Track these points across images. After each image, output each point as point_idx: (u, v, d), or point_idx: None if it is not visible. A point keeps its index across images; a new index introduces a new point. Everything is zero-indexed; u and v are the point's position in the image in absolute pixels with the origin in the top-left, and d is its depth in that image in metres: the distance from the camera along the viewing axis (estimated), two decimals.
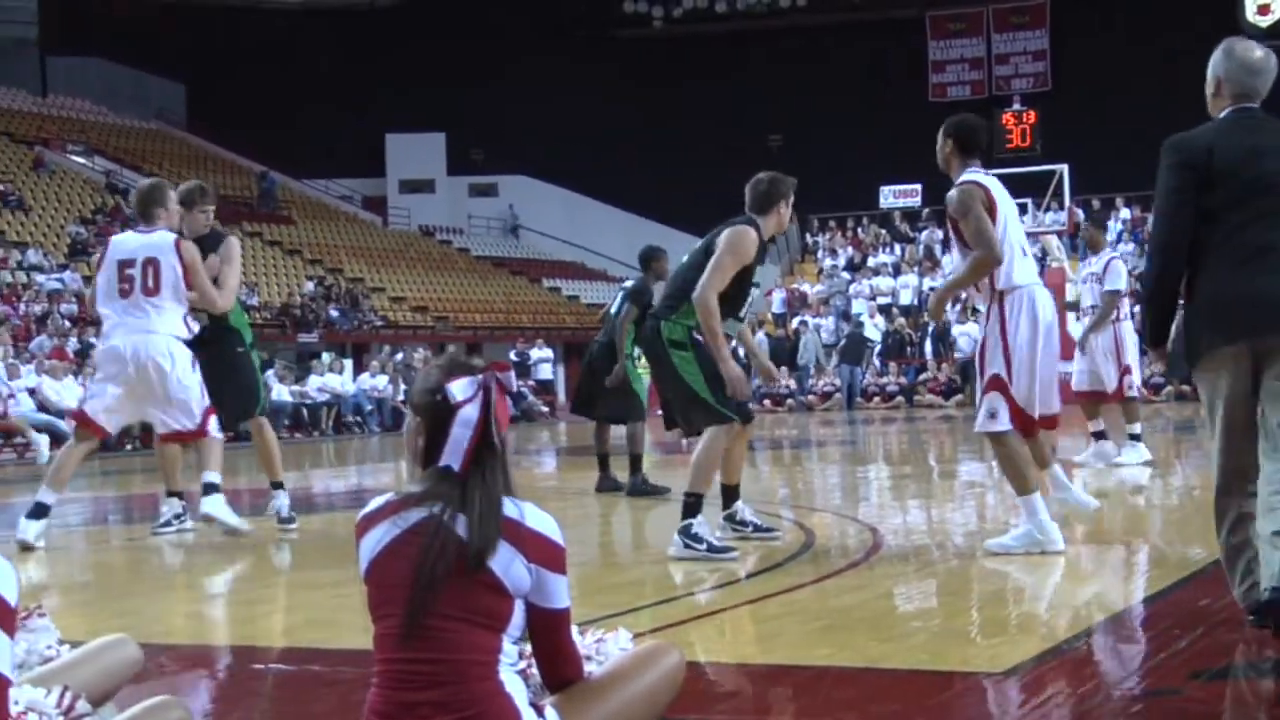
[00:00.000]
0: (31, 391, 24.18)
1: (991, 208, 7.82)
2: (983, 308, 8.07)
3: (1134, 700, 4.58)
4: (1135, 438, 13.77)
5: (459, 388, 3.44)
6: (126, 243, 10.01)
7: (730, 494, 8.97)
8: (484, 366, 3.53)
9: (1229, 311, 5.11)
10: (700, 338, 8.29)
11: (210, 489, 9.86)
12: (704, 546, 8.08)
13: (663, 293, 8.84)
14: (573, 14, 52.75)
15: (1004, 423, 7.84)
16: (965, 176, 7.99)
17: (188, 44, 51.69)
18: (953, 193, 7.96)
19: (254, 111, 51.12)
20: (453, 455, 3.42)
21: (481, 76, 51.52)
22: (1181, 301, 5.35)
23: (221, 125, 51.62)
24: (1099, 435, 13.90)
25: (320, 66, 50.87)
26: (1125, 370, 13.82)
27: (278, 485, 10.70)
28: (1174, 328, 5.30)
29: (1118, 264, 14.16)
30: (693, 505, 8.19)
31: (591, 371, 13.11)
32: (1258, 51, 5.39)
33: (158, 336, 9.69)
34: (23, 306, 30.60)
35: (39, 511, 9.66)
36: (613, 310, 13.12)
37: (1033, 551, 7.78)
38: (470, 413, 3.43)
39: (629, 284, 13.40)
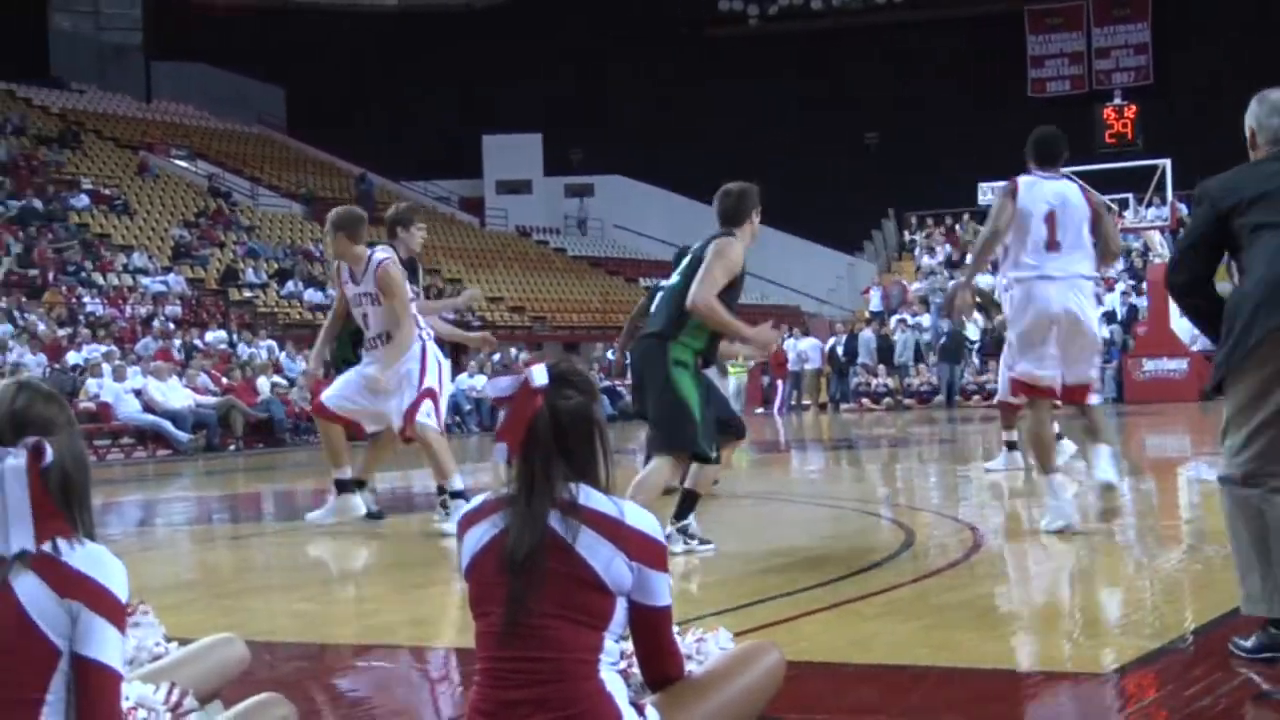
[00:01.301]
0: (138, 393, 24.51)
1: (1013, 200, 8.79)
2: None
3: (1242, 703, 4.53)
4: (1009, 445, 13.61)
5: (495, 385, 3.49)
6: None
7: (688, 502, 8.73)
8: (526, 362, 3.56)
9: None
10: (704, 360, 8.45)
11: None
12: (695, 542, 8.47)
13: (662, 316, 8.50)
14: (669, 13, 52.73)
15: (1003, 394, 9.04)
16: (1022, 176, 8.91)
17: (287, 48, 52.18)
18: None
19: (352, 114, 51.57)
20: (497, 450, 3.45)
21: (578, 77, 51.72)
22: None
23: (320, 128, 52.06)
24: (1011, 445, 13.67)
25: (417, 68, 51.17)
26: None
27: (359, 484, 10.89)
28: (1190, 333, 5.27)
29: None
30: (688, 508, 8.52)
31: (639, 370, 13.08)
32: None
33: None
34: (128, 309, 31.02)
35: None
36: (654, 312, 13.00)
37: (1063, 528, 8.47)
38: (504, 411, 3.47)
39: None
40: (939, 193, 43.50)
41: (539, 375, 3.45)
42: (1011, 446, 13.67)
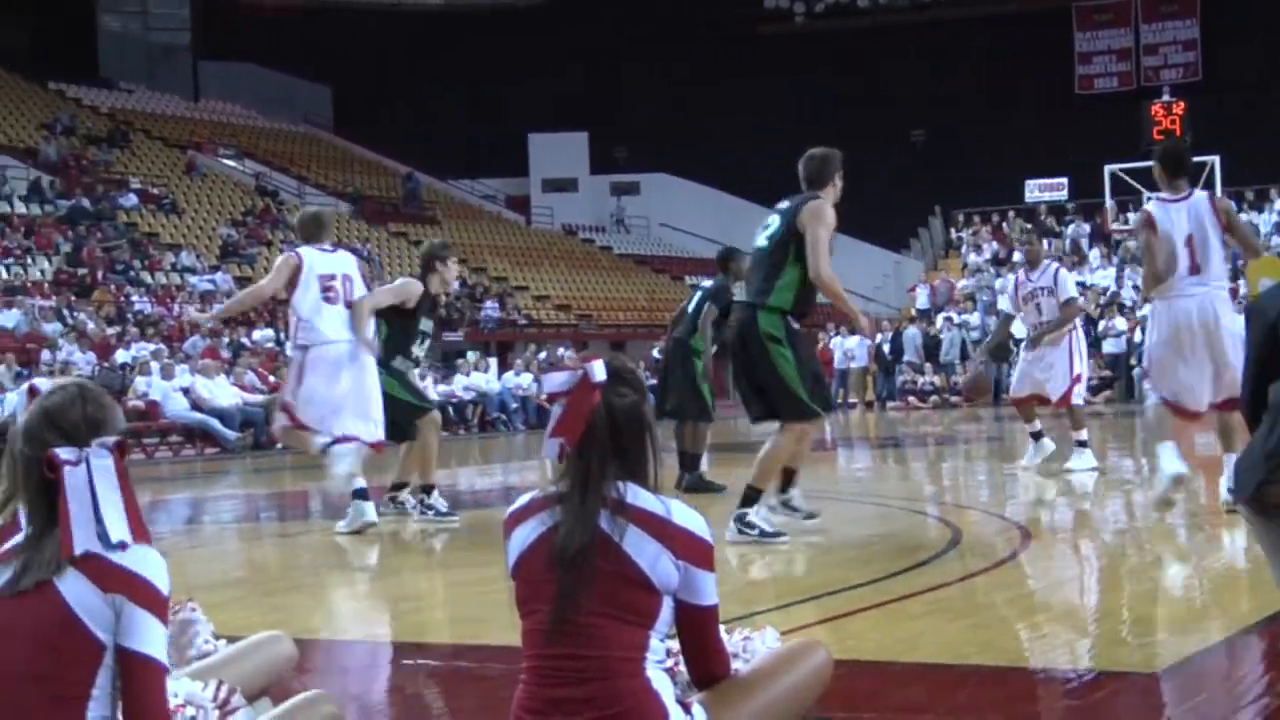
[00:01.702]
0: (185, 391, 24.65)
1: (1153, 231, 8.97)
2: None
3: None
4: (1082, 444, 13.57)
5: (551, 380, 3.48)
6: None
7: (789, 478, 9.26)
8: (580, 359, 3.56)
9: None
10: (797, 326, 8.72)
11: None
12: (756, 532, 8.64)
13: (753, 280, 9.01)
14: (715, 11, 52.71)
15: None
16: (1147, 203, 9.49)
17: (333, 47, 52.37)
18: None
19: (398, 113, 51.73)
20: (548, 448, 3.45)
21: (624, 75, 51.72)
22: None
23: (367, 127, 52.24)
24: (1037, 435, 13.82)
25: (463, 66, 51.27)
26: (1076, 379, 13.73)
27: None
28: (1240, 454, 5.19)
29: (1064, 273, 14.14)
30: (751, 498, 8.79)
31: (664, 369, 13.27)
32: None
33: None
34: (176, 307, 31.19)
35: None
36: (689, 308, 13.15)
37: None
38: (558, 408, 3.46)
39: (707, 284, 13.45)
40: (986, 190, 43.35)
41: (598, 371, 3.45)
42: (1037, 436, 13.70)
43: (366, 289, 11.06)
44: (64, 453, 3.12)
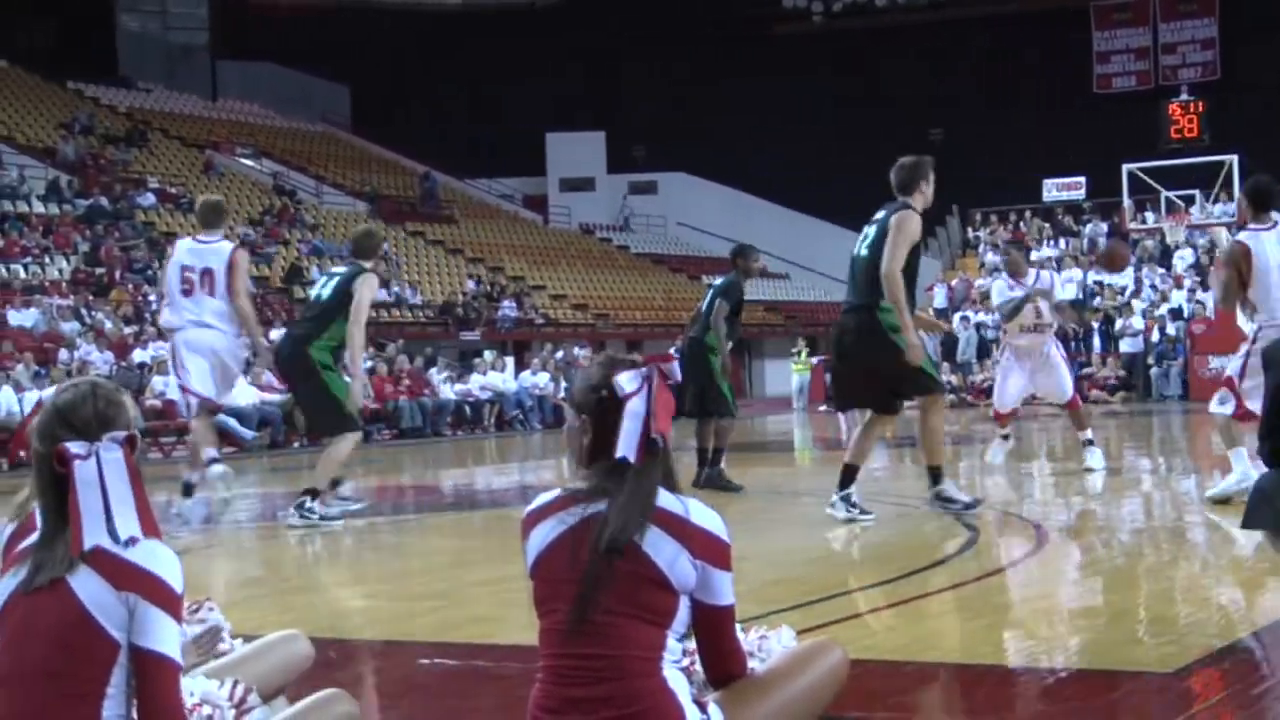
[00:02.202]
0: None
1: (1247, 263, 9.45)
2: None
3: None
4: (1090, 442, 13.67)
5: (626, 380, 3.46)
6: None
7: (850, 474, 9.71)
8: (644, 360, 3.56)
9: None
10: (909, 319, 9.43)
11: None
12: (958, 506, 9.60)
13: (860, 288, 9.65)
14: (732, 11, 52.70)
15: (1230, 408, 9.60)
16: (1239, 235, 9.87)
17: (351, 47, 52.45)
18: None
19: (415, 112, 51.80)
20: (626, 447, 3.43)
21: (641, 74, 51.75)
22: None
23: (384, 126, 52.30)
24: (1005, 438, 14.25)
25: (481, 66, 51.32)
26: (1076, 379, 13.96)
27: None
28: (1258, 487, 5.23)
29: (1047, 275, 14.35)
30: (935, 476, 9.75)
31: (682, 367, 13.13)
32: None
33: None
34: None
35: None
36: (703, 307, 13.13)
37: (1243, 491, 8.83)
38: (638, 405, 3.45)
39: (719, 281, 13.40)
40: (1003, 189, 43.29)
41: (675, 372, 3.51)
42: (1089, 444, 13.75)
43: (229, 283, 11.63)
44: (74, 447, 3.14)
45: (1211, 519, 9.32)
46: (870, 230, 9.73)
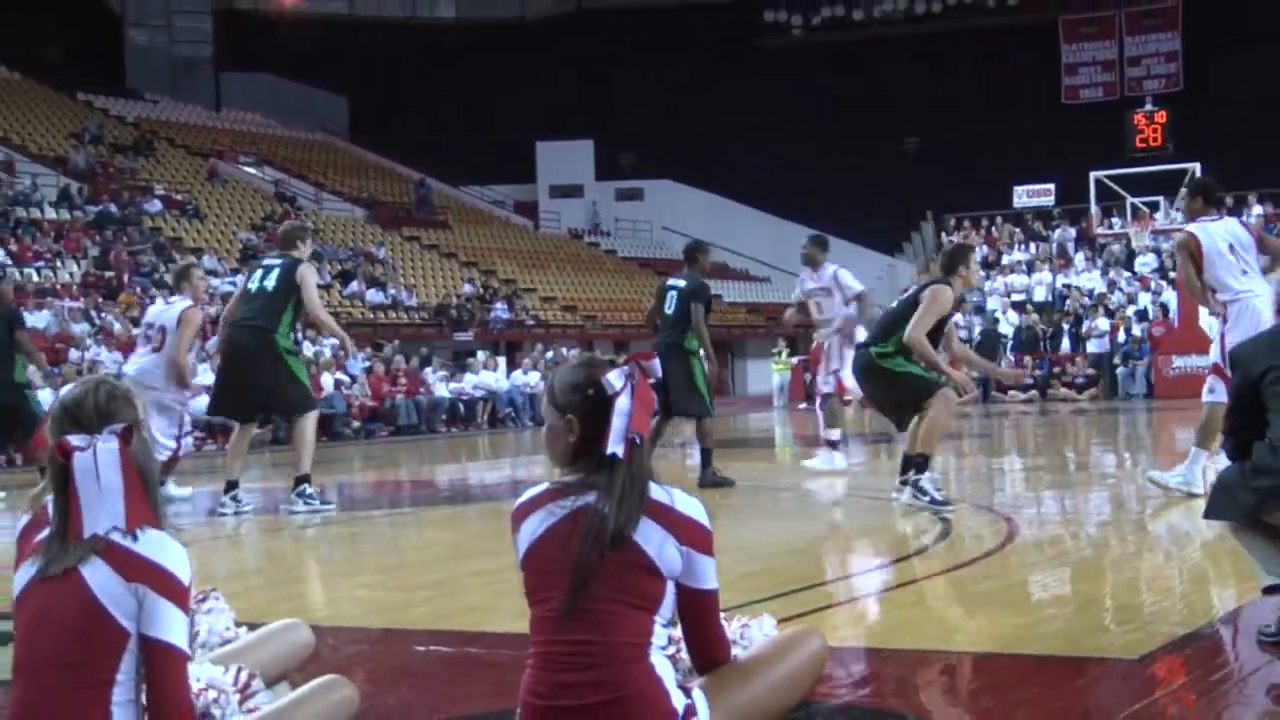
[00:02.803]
0: (207, 389, 24.61)
1: (1198, 252, 9.77)
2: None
3: (1266, 688, 4.50)
4: (832, 444, 13.91)
5: (614, 378, 3.47)
6: None
7: (910, 463, 10.07)
8: (624, 360, 3.57)
9: None
10: (904, 350, 9.86)
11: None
12: (927, 499, 9.62)
13: (873, 328, 10.51)
14: (715, 24, 52.75)
15: (1221, 396, 9.23)
16: (1188, 227, 10.17)
17: (349, 59, 52.43)
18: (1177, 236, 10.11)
19: (411, 122, 51.75)
20: (616, 443, 3.44)
21: (627, 86, 51.77)
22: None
23: (381, 135, 52.28)
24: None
25: (474, 78, 51.31)
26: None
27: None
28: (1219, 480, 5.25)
29: (844, 272, 14.18)
30: (922, 464, 9.77)
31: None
32: None
33: None
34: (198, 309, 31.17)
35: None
36: (670, 310, 12.82)
37: (1182, 490, 9.65)
38: (625, 402, 3.46)
39: (680, 284, 13.01)
40: (976, 196, 43.34)
41: (656, 369, 3.53)
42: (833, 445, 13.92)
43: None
44: (74, 439, 3.17)
45: (1177, 511, 9.34)
46: (912, 289, 10.61)
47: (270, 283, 11.40)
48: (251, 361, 11.45)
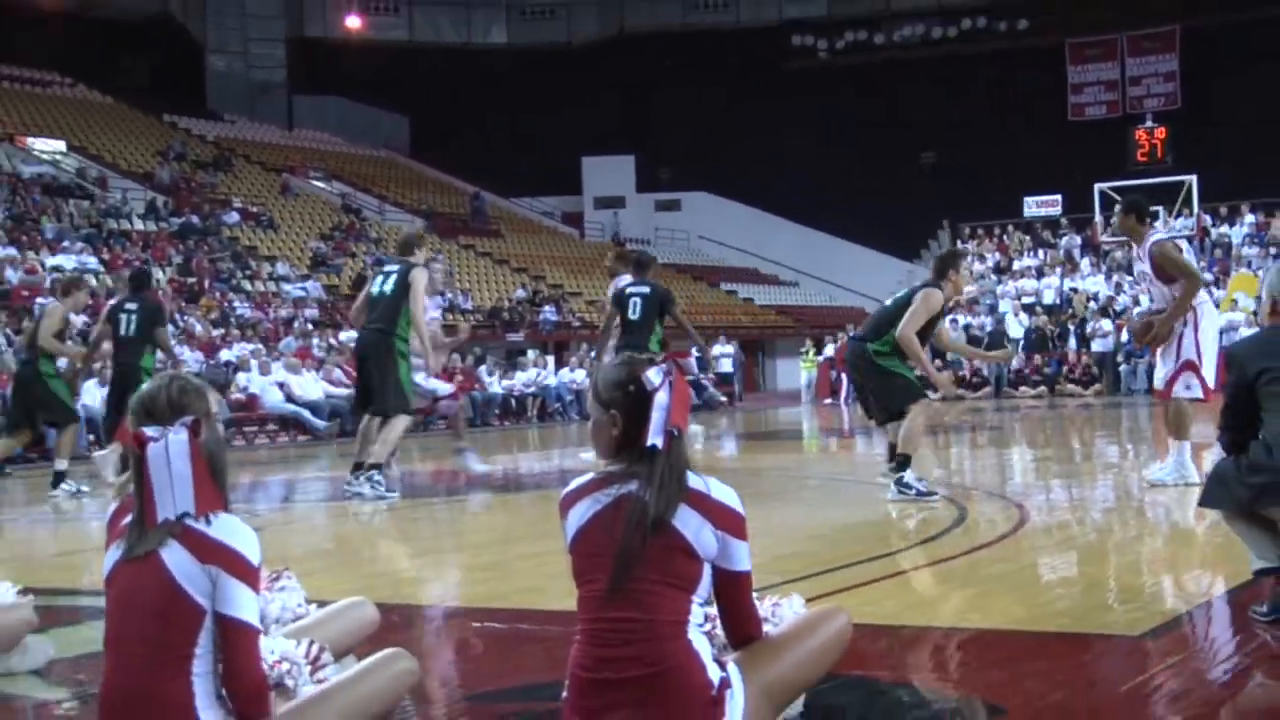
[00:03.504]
0: (280, 385, 24.75)
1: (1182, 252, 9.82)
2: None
3: (1260, 663, 4.47)
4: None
5: (653, 375, 3.47)
6: None
7: (894, 452, 10.09)
8: (663, 358, 3.57)
9: None
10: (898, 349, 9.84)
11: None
12: (913, 492, 9.52)
13: (867, 323, 10.36)
14: (747, 48, 52.70)
15: (1198, 393, 9.78)
16: (1158, 236, 10.07)
17: (410, 83, 52.53)
18: (1154, 249, 9.84)
19: (467, 140, 51.84)
20: (656, 434, 3.44)
21: (666, 105, 51.73)
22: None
23: (439, 152, 52.38)
24: None
25: (525, 98, 51.37)
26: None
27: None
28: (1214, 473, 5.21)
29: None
30: (904, 463, 9.64)
31: None
32: None
33: None
34: (272, 312, 31.35)
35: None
36: (634, 316, 12.69)
37: (1179, 484, 9.60)
38: (663, 397, 3.46)
39: (645, 290, 12.85)
40: (989, 206, 43.18)
41: (693, 367, 3.54)
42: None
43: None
44: (148, 431, 3.20)
45: (1174, 498, 9.29)
46: (903, 292, 10.26)
47: (388, 287, 11.33)
48: (370, 361, 11.41)
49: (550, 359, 33.08)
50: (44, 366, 13.44)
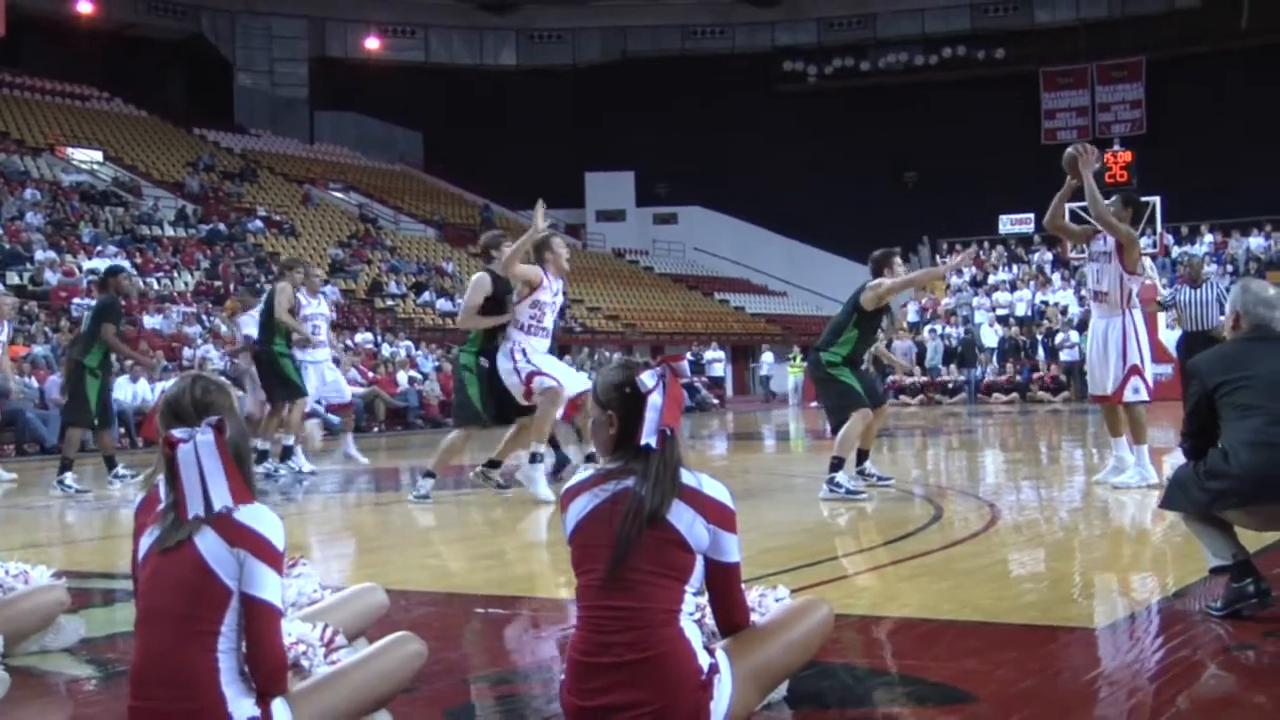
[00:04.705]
0: None
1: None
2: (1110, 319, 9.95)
3: (1215, 654, 4.47)
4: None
5: (647, 378, 3.49)
6: None
7: (863, 455, 10.33)
8: (658, 362, 3.58)
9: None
10: (851, 359, 9.97)
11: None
12: (842, 490, 9.52)
13: (824, 331, 10.32)
14: (740, 72, 52.74)
15: (1145, 395, 9.87)
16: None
17: (426, 100, 52.56)
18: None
19: (478, 154, 51.86)
20: (650, 434, 3.45)
21: (664, 124, 51.75)
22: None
23: (452, 166, 52.40)
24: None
25: (532, 116, 51.40)
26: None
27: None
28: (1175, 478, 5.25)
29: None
30: (837, 465, 9.62)
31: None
32: (1271, 290, 5.28)
33: None
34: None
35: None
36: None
37: (1142, 485, 9.64)
38: (657, 398, 3.46)
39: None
40: (966, 223, 43.21)
41: (686, 370, 3.53)
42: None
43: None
44: (177, 432, 3.22)
45: (1136, 499, 9.29)
46: (849, 300, 10.25)
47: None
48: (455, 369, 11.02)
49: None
50: (278, 346, 13.46)
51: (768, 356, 41.46)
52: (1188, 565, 6.05)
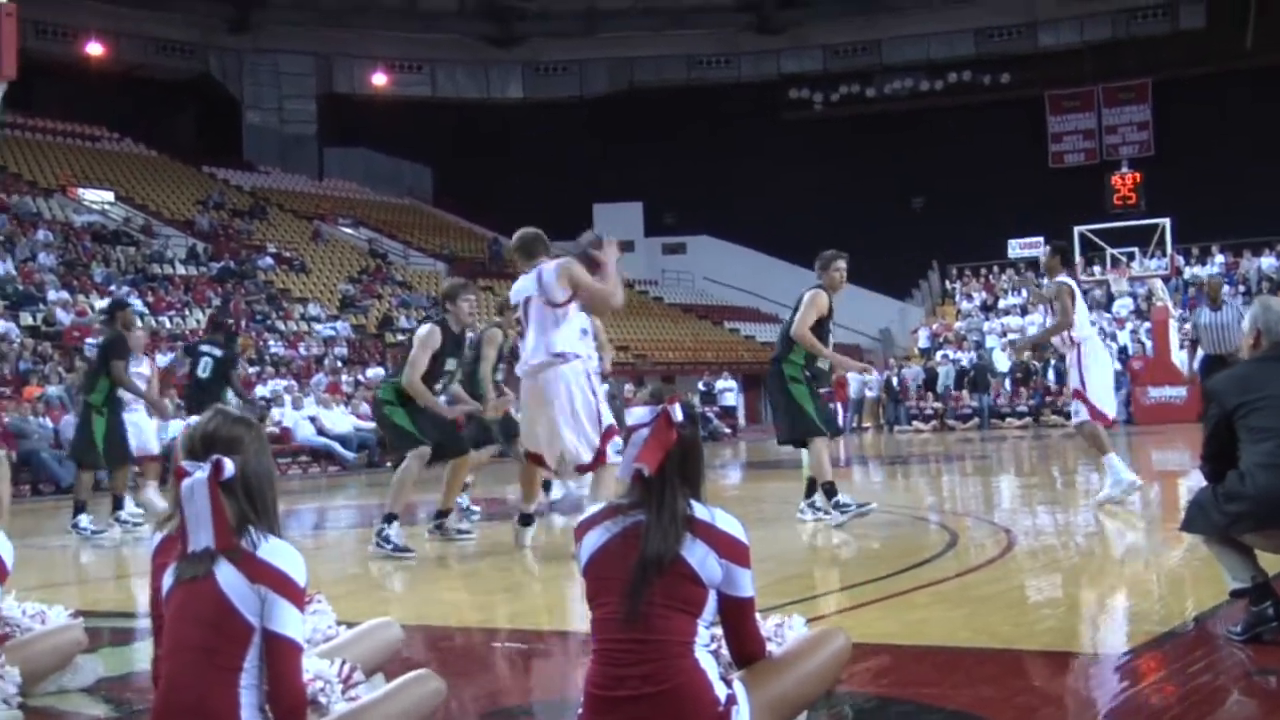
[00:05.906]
0: (312, 419, 24.79)
1: (1071, 298, 10.52)
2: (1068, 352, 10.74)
3: (1236, 679, 4.45)
4: None
5: (634, 415, 3.50)
6: None
7: (812, 488, 10.29)
8: (671, 398, 3.57)
9: None
10: (809, 374, 9.98)
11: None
12: (852, 509, 9.64)
13: (779, 345, 10.39)
14: (747, 100, 52.86)
15: (1086, 416, 10.42)
16: (1061, 278, 10.74)
17: (433, 135, 52.70)
18: (1053, 288, 10.69)
19: (486, 187, 51.98)
20: (624, 471, 3.48)
21: (672, 154, 51.86)
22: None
23: (461, 199, 52.51)
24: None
25: (539, 148, 51.53)
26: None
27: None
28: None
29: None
30: (831, 491, 9.74)
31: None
32: None
33: None
34: (303, 350, 31.41)
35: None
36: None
37: (1129, 491, 10.14)
38: (640, 435, 3.48)
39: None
40: (975, 248, 43.24)
41: (678, 413, 3.51)
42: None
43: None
44: (186, 466, 3.26)
45: (1154, 523, 9.25)
46: (795, 306, 10.25)
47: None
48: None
49: None
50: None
51: None
52: (1207, 589, 6.03)
